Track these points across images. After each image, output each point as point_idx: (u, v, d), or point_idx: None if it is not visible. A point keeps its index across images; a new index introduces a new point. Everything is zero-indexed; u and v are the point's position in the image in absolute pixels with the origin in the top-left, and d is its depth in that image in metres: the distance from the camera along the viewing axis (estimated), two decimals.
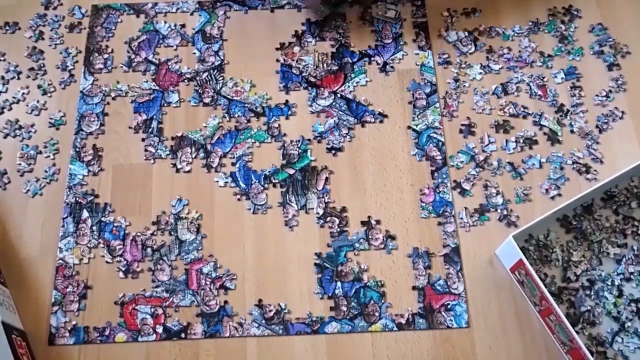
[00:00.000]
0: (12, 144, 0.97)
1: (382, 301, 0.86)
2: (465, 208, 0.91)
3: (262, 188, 0.93)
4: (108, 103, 1.00)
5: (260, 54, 1.03)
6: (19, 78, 1.02)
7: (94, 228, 0.91)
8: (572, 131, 0.96)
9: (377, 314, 0.85)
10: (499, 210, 0.91)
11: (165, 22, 1.06)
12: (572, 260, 0.86)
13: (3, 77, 1.02)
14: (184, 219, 0.91)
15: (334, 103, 0.98)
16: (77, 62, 1.03)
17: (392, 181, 0.93)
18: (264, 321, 0.85)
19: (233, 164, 0.95)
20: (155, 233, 0.90)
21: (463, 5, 1.06)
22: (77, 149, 0.96)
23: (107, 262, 0.89)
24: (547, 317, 0.80)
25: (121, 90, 1.00)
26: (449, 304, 0.86)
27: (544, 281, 0.85)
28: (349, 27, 1.04)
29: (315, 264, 0.88)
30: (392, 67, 1.01)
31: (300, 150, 0.95)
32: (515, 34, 1.03)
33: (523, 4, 1.06)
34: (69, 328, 0.85)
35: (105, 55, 1.03)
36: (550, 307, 0.77)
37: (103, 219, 0.91)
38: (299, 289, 0.87)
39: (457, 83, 0.99)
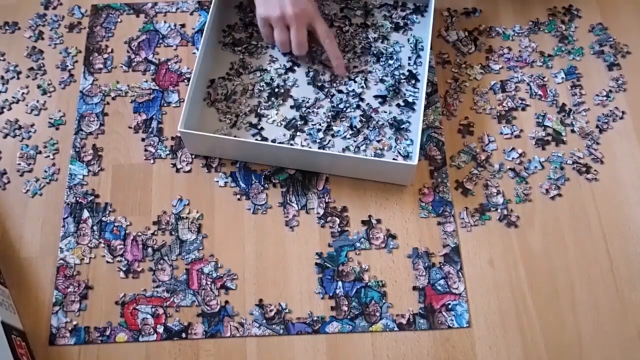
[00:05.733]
0: (11, 144, 0.97)
1: (383, 301, 0.86)
2: (466, 208, 0.91)
3: (262, 188, 0.93)
4: (108, 103, 1.00)
5: None
6: (18, 78, 1.02)
7: (95, 228, 0.91)
8: (572, 131, 0.96)
9: (378, 314, 0.85)
10: (499, 210, 0.91)
11: (165, 22, 1.06)
12: None
13: (3, 77, 1.02)
14: (185, 218, 0.91)
15: None
16: (77, 62, 1.03)
17: None
18: (264, 321, 0.85)
19: (233, 164, 0.95)
20: (155, 233, 0.90)
21: (463, 5, 1.06)
22: (77, 149, 0.96)
23: (107, 262, 0.89)
24: None
25: (121, 90, 1.00)
26: (449, 303, 0.86)
27: None
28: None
29: (316, 263, 0.88)
30: None
31: None
32: (515, 34, 1.04)
33: (523, 4, 1.06)
34: (70, 328, 0.85)
35: (105, 55, 1.03)
36: None
37: (104, 218, 0.91)
38: (299, 289, 0.87)
39: (457, 83, 1.00)
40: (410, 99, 0.97)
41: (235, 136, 0.95)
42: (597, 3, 1.06)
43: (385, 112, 0.96)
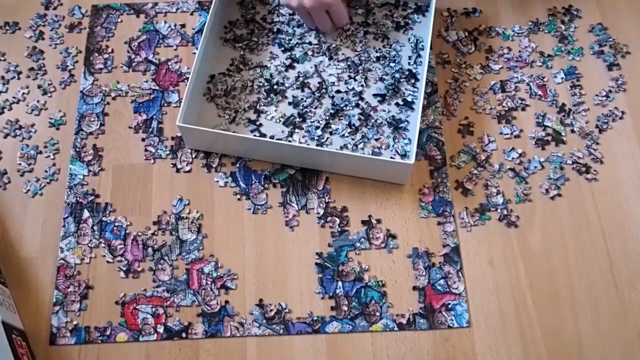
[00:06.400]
0: (12, 144, 0.97)
1: (383, 301, 0.86)
2: (466, 208, 0.91)
3: (262, 188, 0.93)
4: (108, 103, 1.00)
5: None
6: (19, 78, 1.02)
7: (95, 228, 0.91)
8: (572, 131, 0.96)
9: (378, 313, 0.85)
10: (499, 210, 0.91)
11: (165, 22, 1.06)
12: None
13: (3, 77, 1.02)
14: (185, 218, 0.91)
15: None
16: (77, 62, 1.03)
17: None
18: (264, 321, 0.85)
19: (233, 164, 0.95)
20: (156, 233, 0.90)
21: (463, 5, 1.06)
22: (77, 149, 0.96)
23: (108, 261, 0.89)
24: None
25: (121, 90, 1.00)
26: (449, 303, 0.86)
27: None
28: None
29: (316, 263, 0.88)
30: None
31: None
32: (515, 34, 1.04)
33: (523, 4, 1.06)
34: (70, 328, 0.85)
35: (105, 55, 1.03)
36: None
37: (104, 218, 0.91)
38: (299, 289, 0.87)
39: (457, 83, 1.00)
40: (409, 98, 0.97)
41: (234, 132, 0.95)
42: (597, 3, 1.06)
43: (384, 110, 0.96)
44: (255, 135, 0.95)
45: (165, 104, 0.99)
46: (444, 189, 0.92)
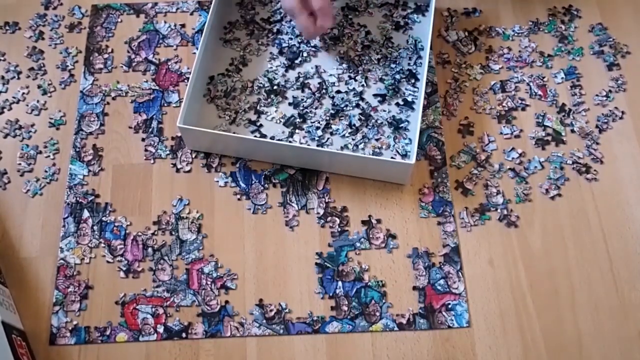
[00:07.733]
0: (12, 144, 0.97)
1: (383, 301, 0.86)
2: (466, 208, 0.91)
3: (262, 188, 0.93)
4: (108, 103, 1.00)
5: None
6: (19, 78, 1.02)
7: (95, 228, 0.91)
8: (572, 131, 0.96)
9: (378, 313, 0.85)
10: (499, 210, 0.91)
11: (165, 22, 1.06)
12: None
13: (3, 77, 1.02)
14: (185, 218, 0.91)
15: None
16: (77, 62, 1.03)
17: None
18: (264, 321, 0.85)
19: (233, 164, 0.95)
20: (156, 233, 0.90)
21: (463, 5, 1.06)
22: (77, 149, 0.96)
23: (107, 261, 0.89)
24: None
25: (121, 90, 1.00)
26: (449, 303, 0.86)
27: None
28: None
29: (316, 263, 0.88)
30: None
31: None
32: (515, 34, 1.04)
33: (523, 4, 1.06)
34: (70, 328, 0.85)
35: (105, 55, 1.03)
36: None
37: (104, 218, 0.91)
38: (299, 289, 0.87)
39: (457, 83, 1.00)
40: (409, 98, 0.97)
41: (234, 132, 0.95)
42: (597, 3, 1.06)
43: (385, 110, 0.96)
44: (255, 136, 0.95)
45: (165, 104, 0.99)
46: (444, 189, 0.92)
